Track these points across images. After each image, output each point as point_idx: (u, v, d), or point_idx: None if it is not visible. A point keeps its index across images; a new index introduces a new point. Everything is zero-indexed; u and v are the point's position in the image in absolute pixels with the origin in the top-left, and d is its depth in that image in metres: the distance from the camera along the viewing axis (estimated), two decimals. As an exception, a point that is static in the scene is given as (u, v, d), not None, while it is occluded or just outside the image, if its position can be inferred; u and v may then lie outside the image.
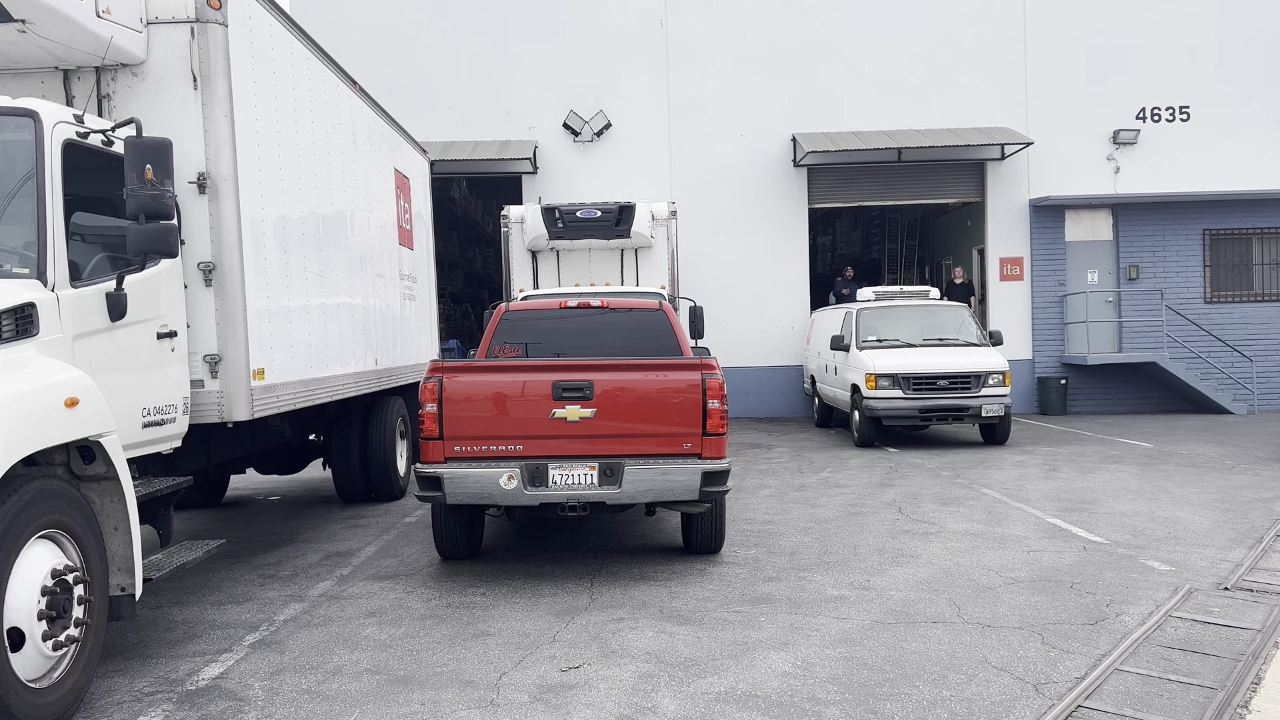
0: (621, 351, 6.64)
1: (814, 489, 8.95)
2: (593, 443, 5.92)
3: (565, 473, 5.87)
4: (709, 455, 5.92)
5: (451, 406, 5.87)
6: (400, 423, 8.96)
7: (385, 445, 8.43)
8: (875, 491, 8.74)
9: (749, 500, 8.44)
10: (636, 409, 5.94)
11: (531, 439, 5.91)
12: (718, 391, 5.94)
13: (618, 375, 5.99)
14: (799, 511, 7.94)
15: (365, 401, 8.49)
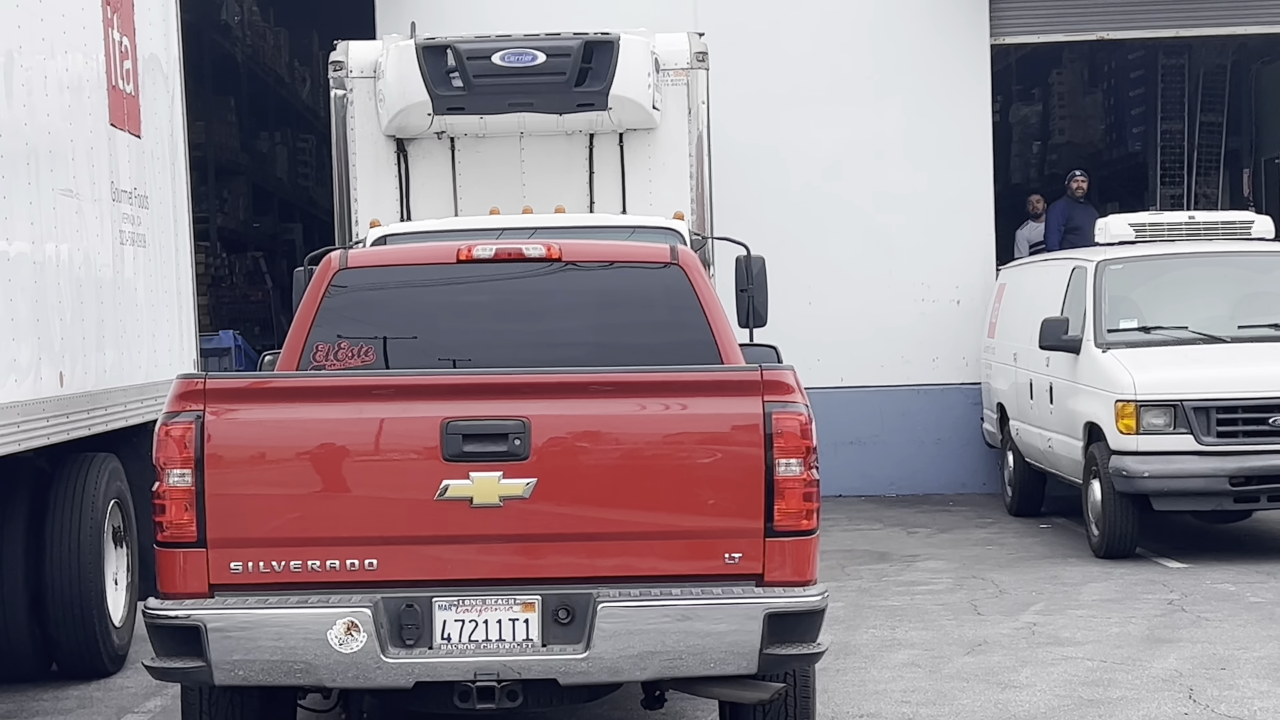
0: (591, 355, 6.75)
1: (1005, 650, 9.00)
2: (528, 552, 6.02)
3: (470, 616, 5.96)
4: (780, 578, 6.00)
5: (223, 474, 5.99)
6: (115, 510, 9.06)
7: (79, 561, 8.52)
8: (1137, 656, 8.80)
9: (866, 677, 8.53)
10: (622, 480, 6.03)
11: (398, 544, 6.00)
12: (798, 441, 6.01)
13: (583, 407, 6.09)
14: (975, 703, 8.00)
15: (36, 467, 8.61)
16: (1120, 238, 13.12)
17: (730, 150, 14.71)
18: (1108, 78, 22.88)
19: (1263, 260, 12.98)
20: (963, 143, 15.90)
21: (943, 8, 15.80)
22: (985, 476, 15.83)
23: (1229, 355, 11.98)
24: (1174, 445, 11.40)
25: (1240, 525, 13.14)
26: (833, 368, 15.65)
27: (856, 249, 15.83)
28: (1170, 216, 13.62)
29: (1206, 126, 20.96)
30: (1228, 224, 13.35)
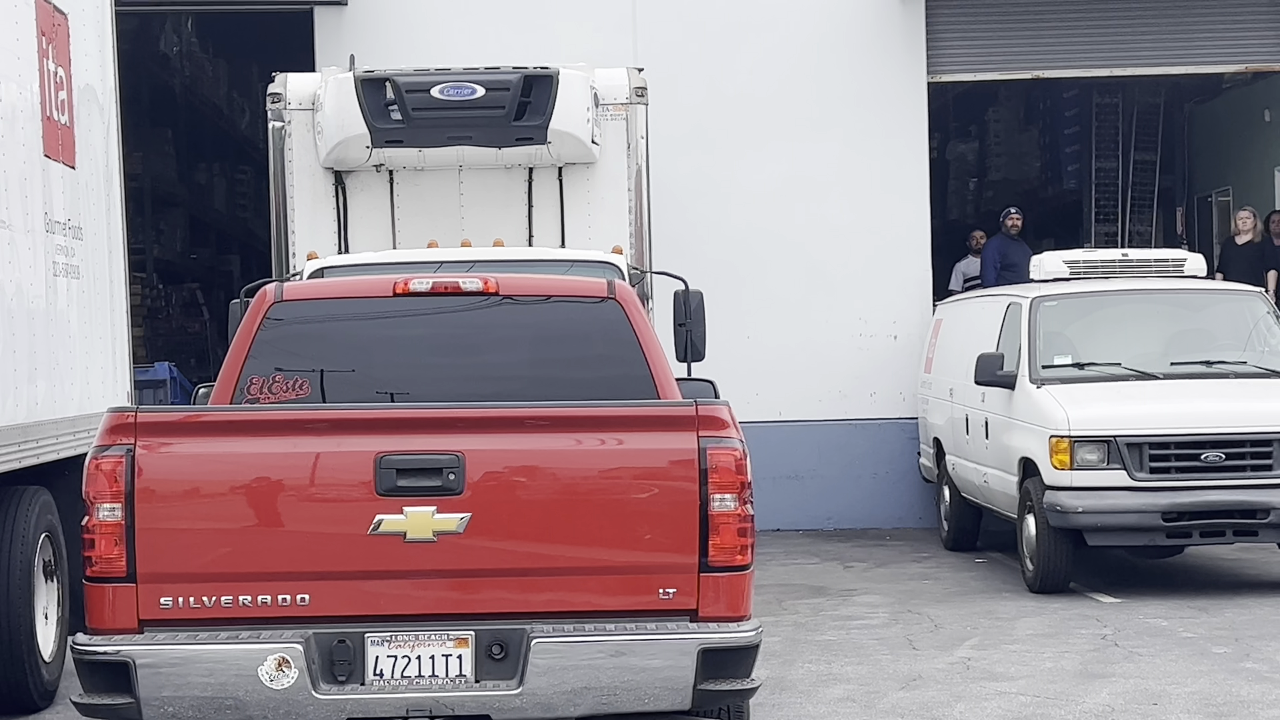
0: (527, 389, 6.73)
1: (940, 685, 9.02)
2: (462, 587, 6.00)
3: (403, 652, 5.94)
4: (714, 614, 6.01)
5: (154, 509, 5.94)
6: (45, 544, 8.97)
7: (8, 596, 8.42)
8: (1070, 691, 8.83)
9: (801, 712, 8.52)
10: (557, 515, 6.03)
11: (330, 579, 5.98)
12: (733, 476, 6.02)
13: (517, 442, 6.09)
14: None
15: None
16: (1055, 274, 13.23)
17: (670, 185, 14.75)
18: (1043, 116, 23.13)
19: (1195, 298, 13.12)
20: (900, 179, 16.02)
21: (880, 46, 15.93)
22: (922, 511, 15.90)
23: (1161, 392, 12.09)
24: (1107, 481, 11.48)
25: (1173, 560, 13.25)
26: (771, 402, 15.70)
27: (795, 284, 15.90)
28: (1104, 254, 13.76)
29: (1140, 165, 21.22)
30: (1161, 262, 13.50)
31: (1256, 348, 12.60)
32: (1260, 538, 11.72)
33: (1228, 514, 11.45)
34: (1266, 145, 18.03)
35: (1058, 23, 16.12)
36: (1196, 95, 20.44)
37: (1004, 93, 22.85)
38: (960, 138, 24.62)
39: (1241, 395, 12.04)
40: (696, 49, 15.85)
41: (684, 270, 10.26)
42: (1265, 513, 11.38)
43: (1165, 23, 16.11)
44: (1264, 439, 11.52)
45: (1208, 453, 11.48)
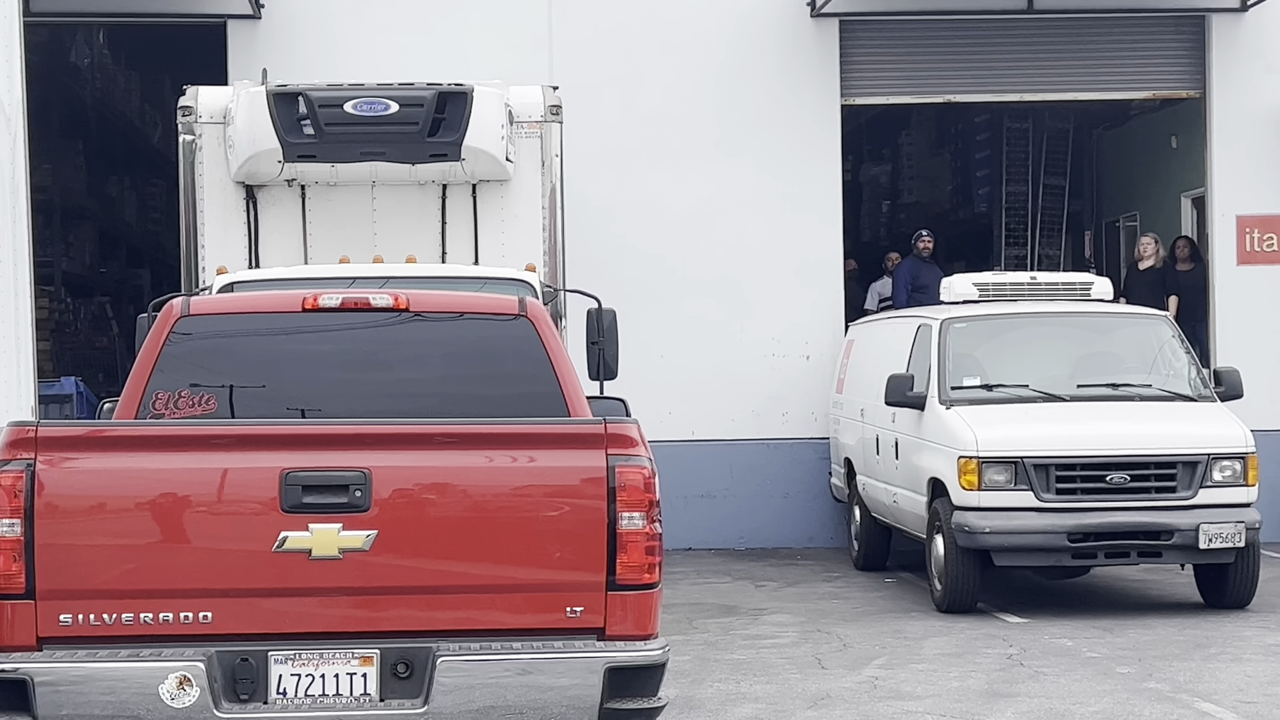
0: (437, 406, 6.71)
1: (848, 704, 9.06)
2: (368, 605, 5.98)
3: (307, 670, 5.91)
4: (621, 632, 6.02)
5: (54, 525, 5.88)
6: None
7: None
8: (976, 710, 8.89)
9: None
10: (465, 532, 6.01)
11: (234, 596, 5.94)
12: (641, 494, 6.03)
13: (425, 459, 6.07)
14: (816, 752, 8.04)
15: None
16: (964, 297, 13.34)
17: (585, 203, 14.75)
18: (955, 140, 23.35)
19: (1101, 321, 13.28)
20: (814, 200, 16.11)
21: (795, 68, 16.02)
22: (833, 531, 15.97)
23: (1068, 414, 12.23)
24: (1015, 501, 11.59)
25: (1078, 581, 13.37)
26: (684, 421, 15.72)
27: (709, 303, 15.94)
28: (1013, 277, 13.90)
29: (1050, 189, 21.47)
30: (1068, 285, 13.65)
31: (1161, 371, 12.77)
32: (1164, 559, 11.87)
33: (1132, 535, 11.59)
34: (1173, 171, 18.30)
35: (970, 48, 16.31)
36: (1105, 121, 20.71)
37: (916, 117, 23.05)
38: (874, 160, 24.81)
39: (1146, 418, 12.19)
40: (613, 68, 15.87)
41: (598, 289, 10.26)
42: (1169, 534, 11.52)
43: (1075, 49, 16.33)
44: (1168, 461, 11.67)
45: (1113, 474, 11.61)
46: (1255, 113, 16.20)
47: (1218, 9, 16.17)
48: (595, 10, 15.91)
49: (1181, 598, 12.61)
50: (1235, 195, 16.31)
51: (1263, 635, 10.95)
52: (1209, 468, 11.64)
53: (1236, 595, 11.92)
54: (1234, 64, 16.19)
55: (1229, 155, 16.31)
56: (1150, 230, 18.19)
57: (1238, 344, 16.06)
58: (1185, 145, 17.60)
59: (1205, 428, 11.94)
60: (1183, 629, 11.18)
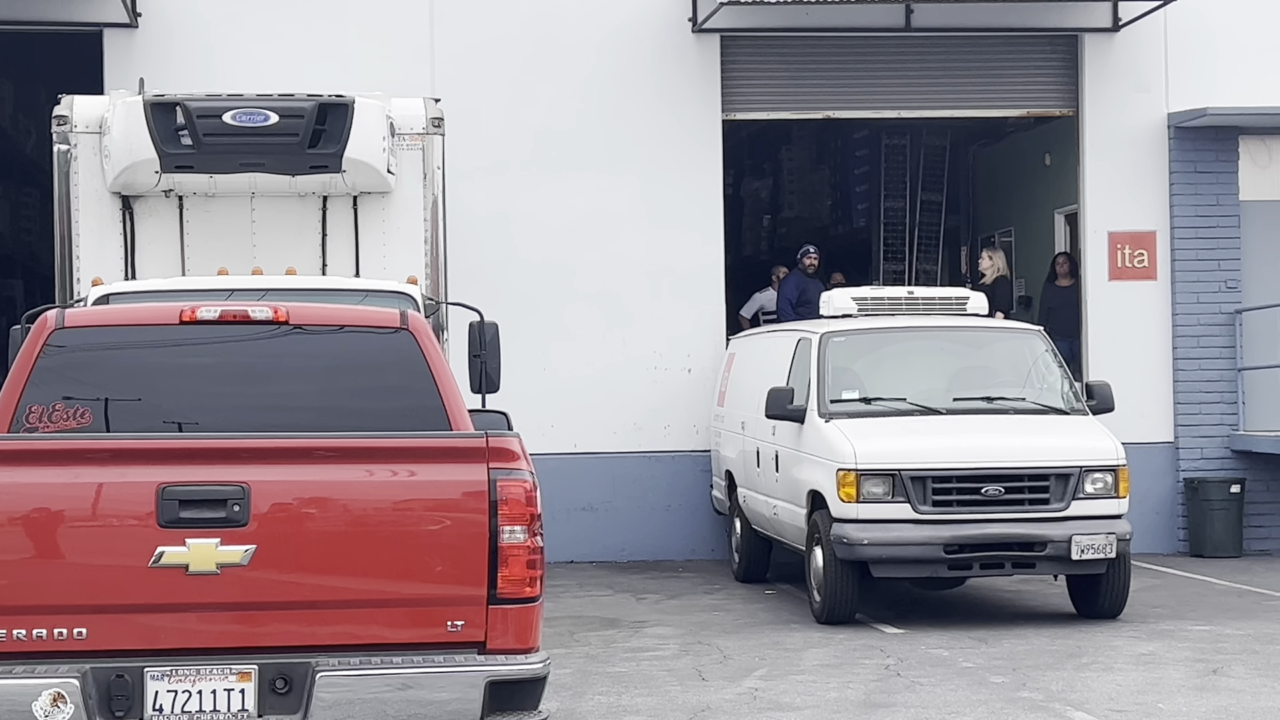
0: (317, 420, 6.69)
1: (728, 716, 9.11)
2: (246, 620, 5.95)
3: (184, 687, 5.86)
4: (502, 646, 6.04)
5: (-76, 540, 5.82)
6: None
7: None
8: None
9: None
10: (345, 547, 6.00)
11: (109, 612, 5.88)
12: (522, 508, 6.06)
13: (305, 473, 6.05)
14: (697, 763, 8.07)
15: None
16: (843, 311, 13.48)
17: (469, 216, 14.74)
18: (834, 156, 23.58)
19: (976, 335, 13.47)
20: (696, 214, 16.20)
21: (677, 82, 16.11)
22: (714, 543, 16.05)
23: (944, 427, 12.39)
24: (892, 514, 11.72)
25: (955, 592, 13.55)
26: (566, 434, 15.74)
27: (592, 317, 15.97)
28: (891, 291, 14.05)
29: (927, 205, 21.75)
30: (945, 300, 13.83)
31: (1035, 385, 12.98)
32: (1038, 569, 12.04)
33: (1007, 546, 11.75)
34: (1047, 188, 18.62)
35: (849, 65, 16.50)
36: (981, 138, 21.02)
37: (797, 132, 23.25)
38: (755, 175, 24.99)
39: (1021, 431, 12.39)
40: (496, 81, 15.87)
41: (481, 302, 10.25)
42: (1042, 545, 11.70)
43: (952, 68, 16.58)
44: (1041, 473, 11.86)
45: (988, 486, 11.78)
46: (1126, 131, 16.54)
47: (1090, 29, 16.50)
48: (478, 22, 15.91)
49: (1055, 608, 12.82)
50: (1107, 212, 16.65)
51: (1133, 644, 11.17)
52: (1081, 480, 11.85)
53: (1108, 605, 12.14)
54: (1105, 83, 16.52)
55: (1101, 172, 16.64)
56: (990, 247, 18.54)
57: (1109, 358, 16.39)
58: (1059, 162, 17.92)
59: (1077, 440, 12.16)
60: (1056, 639, 11.36)
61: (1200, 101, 16.22)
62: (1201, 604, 13.06)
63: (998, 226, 20.56)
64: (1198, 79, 16.43)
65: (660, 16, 16.08)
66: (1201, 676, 10.00)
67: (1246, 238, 16.66)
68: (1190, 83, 16.43)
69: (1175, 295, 16.55)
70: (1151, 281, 16.63)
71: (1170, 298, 16.57)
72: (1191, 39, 16.49)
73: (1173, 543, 16.43)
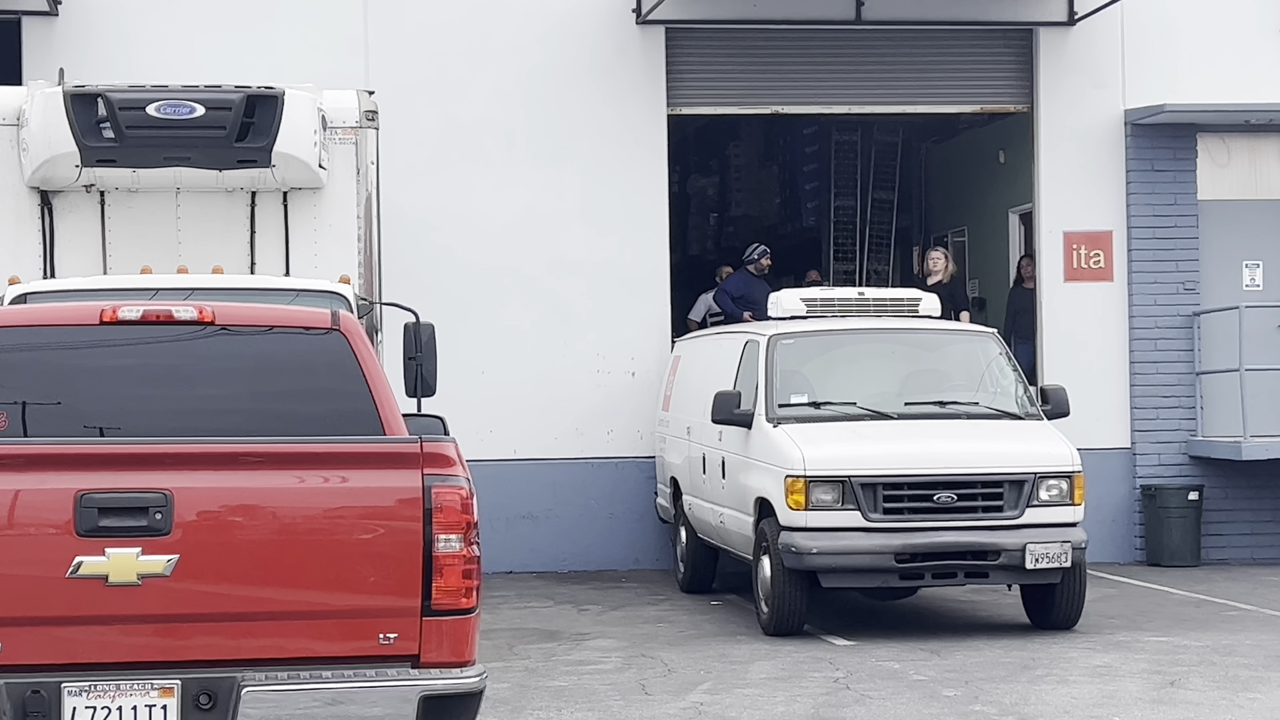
0: (245, 425, 6.65)
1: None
2: (169, 633, 5.91)
3: (103, 703, 5.82)
4: (437, 659, 6.03)
5: None
6: None
7: None
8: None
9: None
10: (273, 557, 5.98)
11: (25, 625, 5.83)
12: (458, 515, 6.05)
13: (231, 479, 6.02)
14: (639, 780, 8.06)
15: None
16: (792, 312, 13.51)
17: (404, 213, 14.69)
18: (783, 153, 23.66)
19: (929, 338, 13.53)
20: (640, 212, 16.21)
21: (621, 76, 16.11)
22: (659, 552, 16.06)
23: (895, 432, 12.43)
24: (842, 521, 11.75)
25: (906, 602, 13.61)
26: (505, 439, 15.71)
27: (532, 317, 15.95)
28: (841, 292, 14.10)
29: (878, 203, 21.84)
30: (896, 301, 13.89)
31: (989, 389, 13.05)
32: (991, 579, 12.11)
33: (959, 555, 11.81)
34: (1001, 187, 18.73)
35: (798, 58, 16.54)
36: (934, 135, 21.13)
37: (745, 128, 23.31)
38: (701, 172, 25.04)
39: (974, 436, 12.45)
40: (432, 73, 15.82)
41: (417, 302, 10.22)
42: (995, 554, 11.75)
43: (904, 62, 16.65)
44: (994, 480, 11.92)
45: (940, 494, 11.83)
46: (1082, 128, 16.66)
47: (1045, 23, 16.60)
48: (414, 13, 15.85)
49: (1009, 619, 12.89)
50: (1062, 211, 16.76)
51: (1089, 656, 11.24)
52: (1036, 487, 11.92)
53: (1063, 616, 12.21)
54: (1061, 78, 16.63)
55: (1056, 171, 16.75)
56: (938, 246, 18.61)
57: (1065, 361, 16.50)
58: (1013, 160, 18.03)
59: (1032, 446, 12.23)
60: (1009, 650, 11.43)
61: (1158, 98, 16.35)
62: (1159, 614, 13.16)
63: (951, 226, 20.67)
64: (1155, 75, 16.56)
65: (603, 7, 16.08)
66: (1158, 689, 10.07)
67: (1205, 238, 16.81)
68: (1148, 79, 16.55)
69: (1132, 297, 16.67)
70: (1108, 283, 16.75)
71: (1127, 300, 16.69)
72: (1149, 34, 16.60)
73: (1129, 551, 16.55)
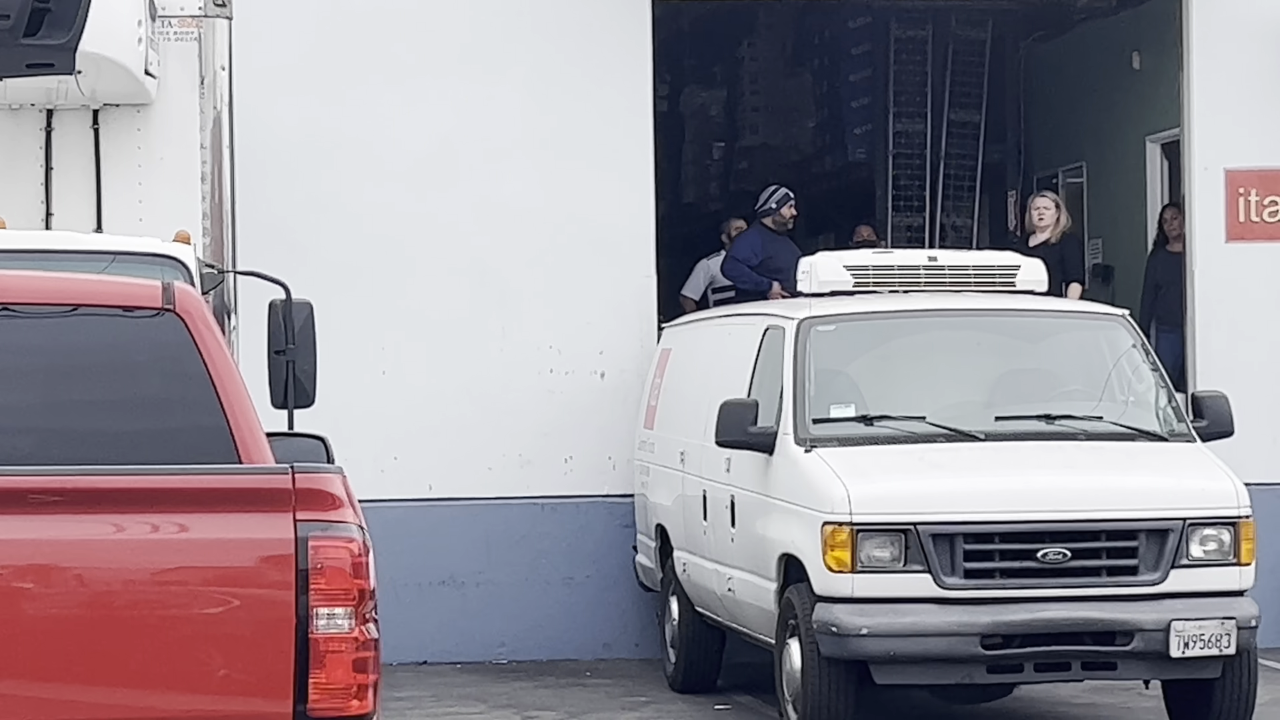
0: (37, 447, 6.72)
1: None
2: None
3: None
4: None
5: None
6: None
7: None
8: None
9: None
10: (80, 640, 6.00)
11: None
12: (347, 580, 6.07)
13: (16, 527, 6.02)
14: None
15: None
16: (833, 285, 13.49)
17: (270, 142, 14.73)
18: (820, 54, 23.66)
19: (1032, 323, 13.54)
20: (613, 141, 16.21)
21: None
22: (639, 634, 16.07)
23: (982, 459, 12.44)
24: (905, 589, 11.75)
25: (997, 705, 13.60)
26: (416, 470, 15.74)
27: (455, 294, 15.95)
28: (904, 257, 14.10)
29: (957, 129, 21.86)
30: (984, 269, 13.87)
31: (1117, 397, 13.06)
32: (1120, 671, 12.11)
33: (1075, 638, 11.80)
34: (1135, 104, 18.76)
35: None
36: (1038, 29, 21.16)
37: (764, 18, 23.35)
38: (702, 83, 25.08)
39: (1095, 465, 12.47)
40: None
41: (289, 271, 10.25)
42: (1127, 636, 11.76)
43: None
44: (1126, 530, 11.94)
45: (1048, 549, 11.82)
46: (1254, 18, 16.64)
47: None
48: None
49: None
50: (1224, 141, 16.77)
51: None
52: (1185, 539, 11.93)
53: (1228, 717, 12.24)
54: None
55: (1215, 82, 16.74)
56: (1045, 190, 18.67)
57: (1226, 357, 16.50)
58: (1153, 67, 18.07)
59: (1180, 480, 12.26)
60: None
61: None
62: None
63: (1063, 163, 20.72)
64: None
65: None
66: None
67: None
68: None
69: (1326, 265, 16.75)
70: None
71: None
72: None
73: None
